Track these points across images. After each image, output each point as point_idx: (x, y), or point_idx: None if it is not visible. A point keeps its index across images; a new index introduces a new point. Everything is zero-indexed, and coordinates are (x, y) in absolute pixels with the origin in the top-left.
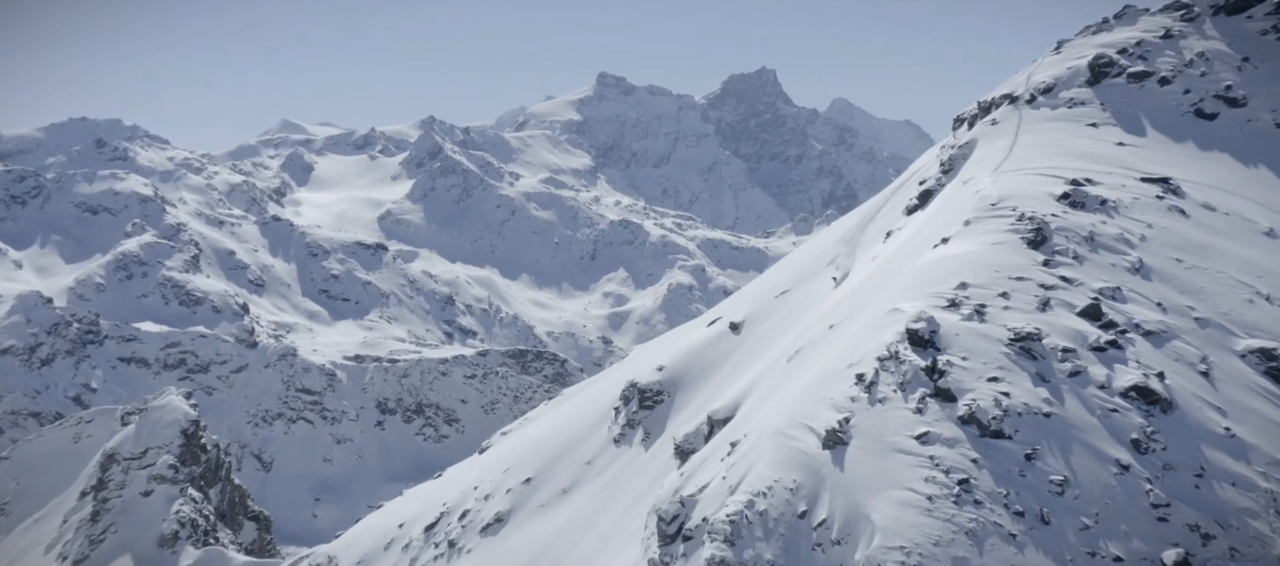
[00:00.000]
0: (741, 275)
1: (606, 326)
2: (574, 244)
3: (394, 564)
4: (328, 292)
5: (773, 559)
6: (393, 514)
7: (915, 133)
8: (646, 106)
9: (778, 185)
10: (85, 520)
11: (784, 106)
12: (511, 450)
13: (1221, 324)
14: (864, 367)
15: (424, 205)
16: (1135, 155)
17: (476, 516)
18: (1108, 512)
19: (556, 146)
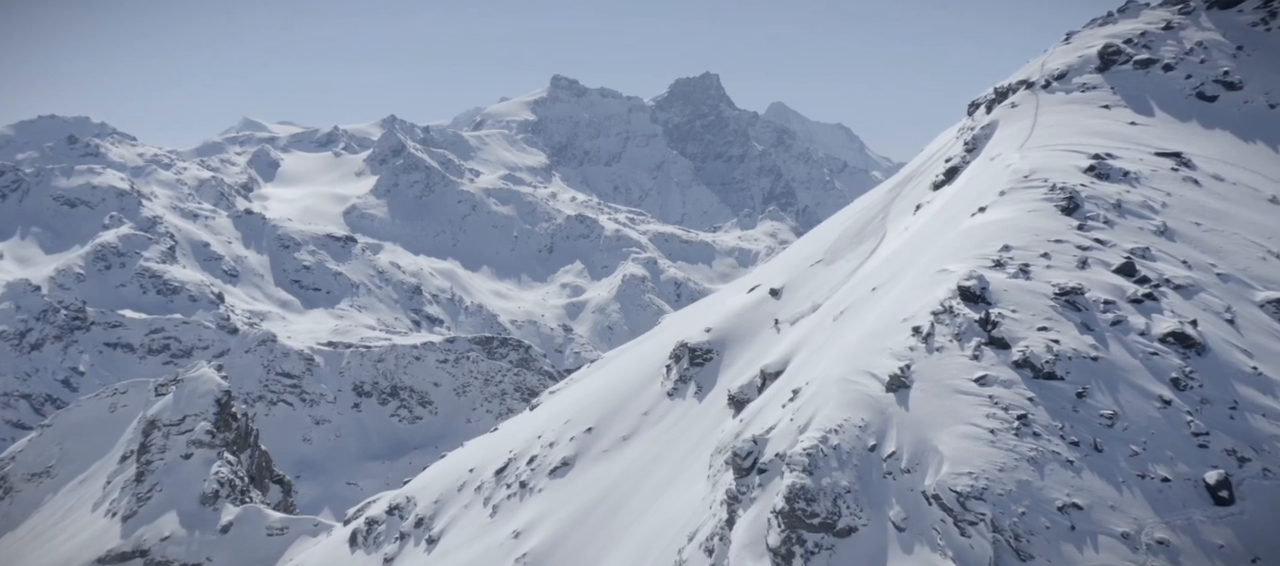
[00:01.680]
0: (691, 267)
1: (564, 315)
2: (532, 238)
3: (468, 503)
4: (299, 283)
5: (847, 485)
6: (460, 460)
7: (846, 135)
8: (598, 108)
9: (722, 183)
10: (130, 480)
11: (727, 109)
12: (568, 404)
13: (1241, 278)
14: (920, 321)
15: (388, 200)
16: (1147, 133)
17: (544, 461)
18: (1154, 441)
19: (513, 145)
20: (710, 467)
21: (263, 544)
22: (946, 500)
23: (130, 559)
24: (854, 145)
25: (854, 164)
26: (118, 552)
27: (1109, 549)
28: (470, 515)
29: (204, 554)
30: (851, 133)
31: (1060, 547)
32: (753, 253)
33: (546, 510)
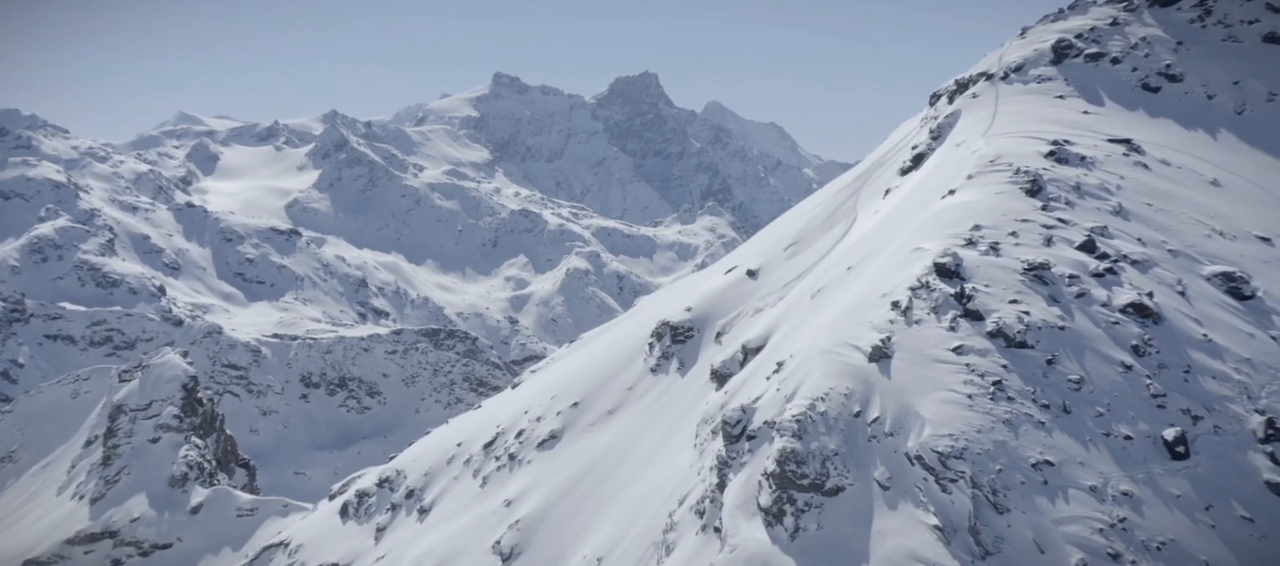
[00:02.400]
0: (633, 261)
1: (509, 308)
2: (476, 232)
3: (457, 476)
4: (243, 275)
5: (835, 448)
6: (448, 435)
7: (779, 134)
8: (540, 105)
9: (661, 179)
10: (97, 464)
11: (665, 107)
12: (553, 381)
13: (1190, 254)
14: (898, 296)
15: (331, 194)
16: (1099, 121)
17: (532, 434)
18: (1117, 402)
19: (455, 141)
20: (697, 437)
21: (233, 524)
22: (928, 460)
23: (99, 539)
24: (786, 143)
25: (787, 162)
26: (87, 533)
27: (1078, 501)
28: (460, 486)
29: (174, 534)
30: (784, 131)
31: (1034, 500)
32: (693, 247)
33: (536, 480)
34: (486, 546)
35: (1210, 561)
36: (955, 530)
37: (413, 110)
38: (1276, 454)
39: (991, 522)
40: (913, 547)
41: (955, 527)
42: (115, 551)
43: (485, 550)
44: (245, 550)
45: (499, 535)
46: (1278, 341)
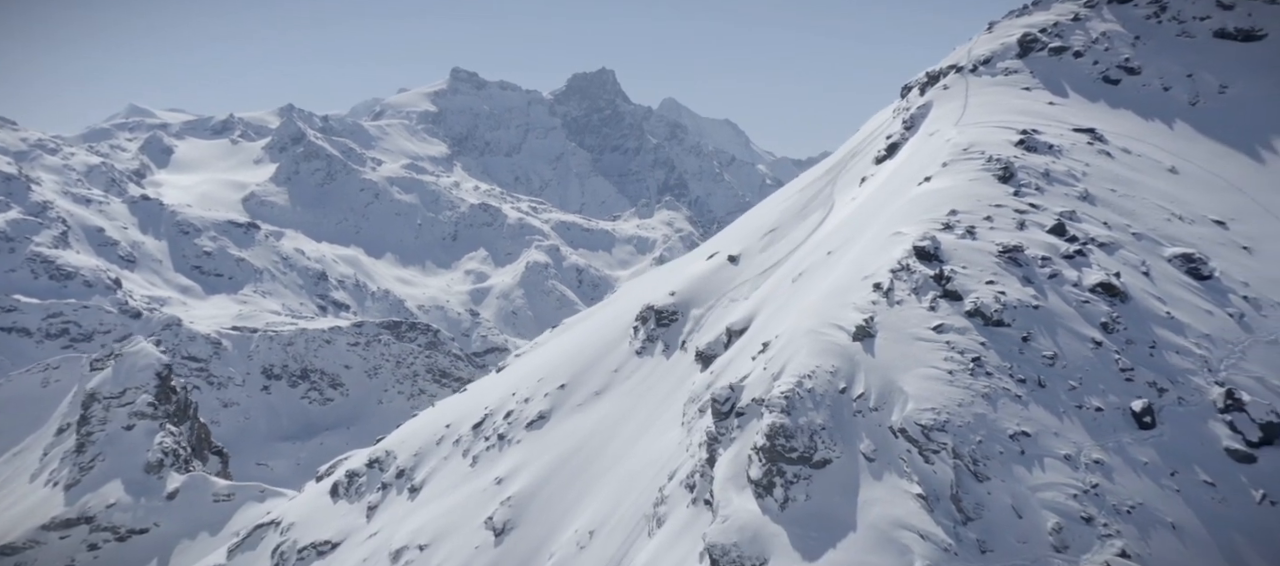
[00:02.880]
0: (592, 254)
1: (469, 301)
2: (436, 225)
3: (447, 455)
4: (200, 268)
5: (822, 423)
6: (436, 417)
7: (733, 130)
8: (498, 100)
9: (619, 174)
10: (70, 451)
11: (623, 103)
12: (539, 364)
13: (1152, 237)
14: (880, 278)
15: (289, 188)
16: (1064, 111)
17: (520, 415)
18: (1088, 376)
19: (414, 135)
20: (684, 416)
21: (210, 510)
22: (912, 433)
23: (75, 525)
24: (740, 140)
25: (741, 157)
26: (62, 519)
27: (1054, 469)
28: (450, 466)
29: (151, 519)
30: (738, 128)
31: (1012, 469)
32: (651, 240)
33: (526, 459)
34: (479, 522)
35: (1176, 523)
36: (938, 498)
37: (370, 104)
38: (1235, 423)
39: (972, 490)
40: (898, 515)
41: (938, 496)
42: (91, 536)
43: (478, 526)
44: (224, 534)
45: (491, 511)
46: (1235, 318)
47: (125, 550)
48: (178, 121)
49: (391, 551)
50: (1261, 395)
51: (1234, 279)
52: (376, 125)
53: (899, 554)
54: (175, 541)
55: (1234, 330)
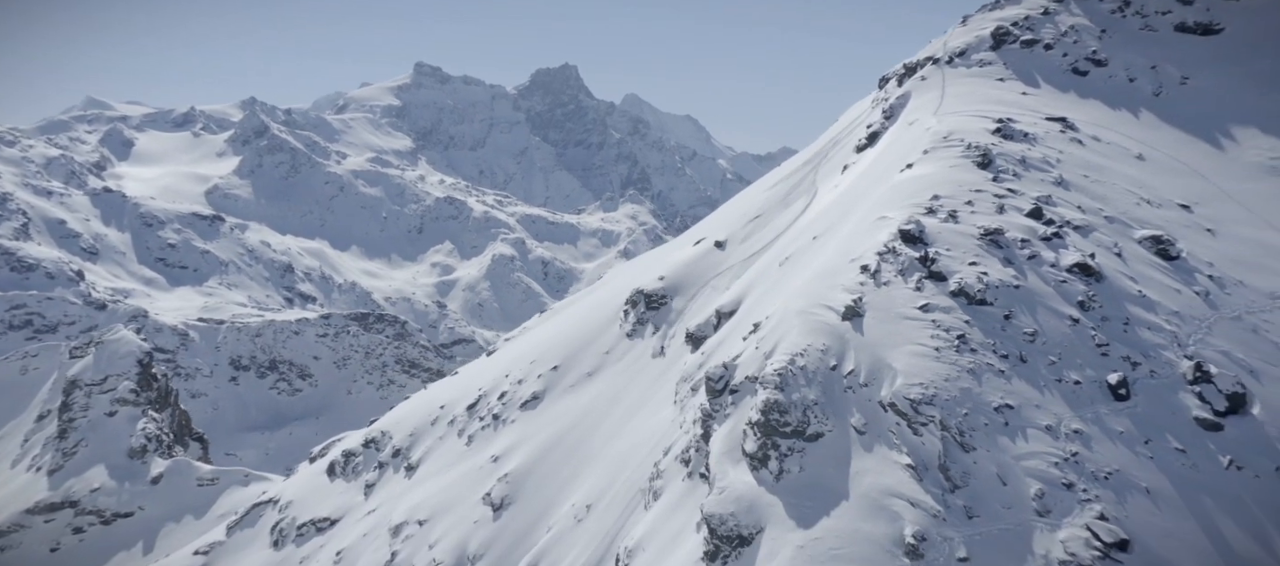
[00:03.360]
0: (558, 247)
1: (436, 293)
2: (402, 218)
3: (442, 435)
4: (164, 261)
5: (814, 398)
6: (429, 399)
7: (694, 126)
8: (462, 94)
9: (582, 168)
10: (52, 437)
11: (586, 98)
12: (530, 347)
13: (1123, 220)
14: (867, 260)
15: (252, 181)
16: (1036, 101)
17: (514, 396)
18: (1067, 352)
19: (378, 129)
20: (676, 394)
21: (194, 494)
22: (901, 407)
23: (60, 509)
24: (701, 135)
25: (702, 152)
26: (46, 503)
27: (1036, 439)
28: (446, 445)
29: (136, 504)
30: (699, 124)
31: (996, 439)
32: (616, 233)
33: (521, 437)
34: (477, 498)
35: (1150, 488)
36: (926, 468)
37: (332, 98)
38: (1204, 394)
39: (959, 460)
40: (888, 484)
41: (926, 466)
42: (76, 520)
43: (476, 501)
44: (209, 517)
45: (489, 488)
46: (1201, 296)
47: (110, 533)
48: (137, 114)
49: (391, 527)
50: (1227, 367)
51: (1200, 259)
52: (340, 119)
53: (890, 520)
54: (160, 525)
55: (1201, 307)
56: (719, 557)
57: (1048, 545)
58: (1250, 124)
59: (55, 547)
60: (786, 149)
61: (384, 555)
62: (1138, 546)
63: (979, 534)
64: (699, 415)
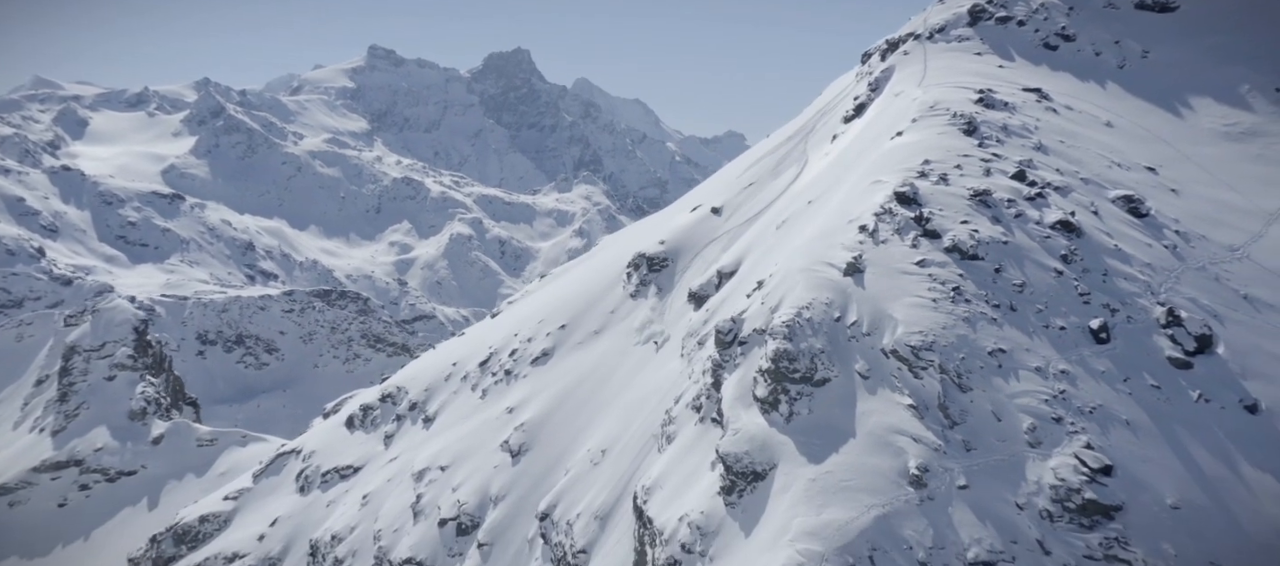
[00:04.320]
0: (514, 226)
1: (394, 271)
2: (359, 198)
3: (456, 390)
4: (125, 238)
5: (821, 347)
6: (441, 357)
7: (643, 109)
8: (416, 77)
9: (536, 150)
10: (52, 401)
11: (538, 82)
12: (536, 309)
13: (1097, 181)
14: (865, 221)
15: (209, 160)
16: (1012, 74)
17: (524, 352)
18: (1052, 300)
19: (333, 110)
20: (682, 349)
21: (194, 454)
22: (903, 353)
23: (66, 467)
24: (650, 118)
25: (652, 135)
26: (52, 462)
27: (1027, 379)
28: (460, 399)
29: (138, 462)
30: (648, 107)
31: (991, 380)
32: (570, 213)
33: (534, 391)
34: (495, 445)
35: (1130, 420)
36: (927, 407)
37: (285, 80)
38: (1175, 336)
39: (957, 399)
40: (892, 423)
41: (927, 405)
42: (82, 478)
43: (494, 448)
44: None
45: (506, 436)
46: (1169, 249)
47: (116, 490)
48: (90, 94)
49: (414, 472)
50: (1195, 312)
51: (1166, 216)
52: (295, 100)
53: (895, 454)
54: (163, 482)
55: (1169, 259)
56: (735, 491)
57: (1040, 472)
58: (1206, 94)
59: (62, 503)
60: (733, 132)
61: (409, 498)
62: (1120, 471)
63: (977, 464)
64: (708, 366)
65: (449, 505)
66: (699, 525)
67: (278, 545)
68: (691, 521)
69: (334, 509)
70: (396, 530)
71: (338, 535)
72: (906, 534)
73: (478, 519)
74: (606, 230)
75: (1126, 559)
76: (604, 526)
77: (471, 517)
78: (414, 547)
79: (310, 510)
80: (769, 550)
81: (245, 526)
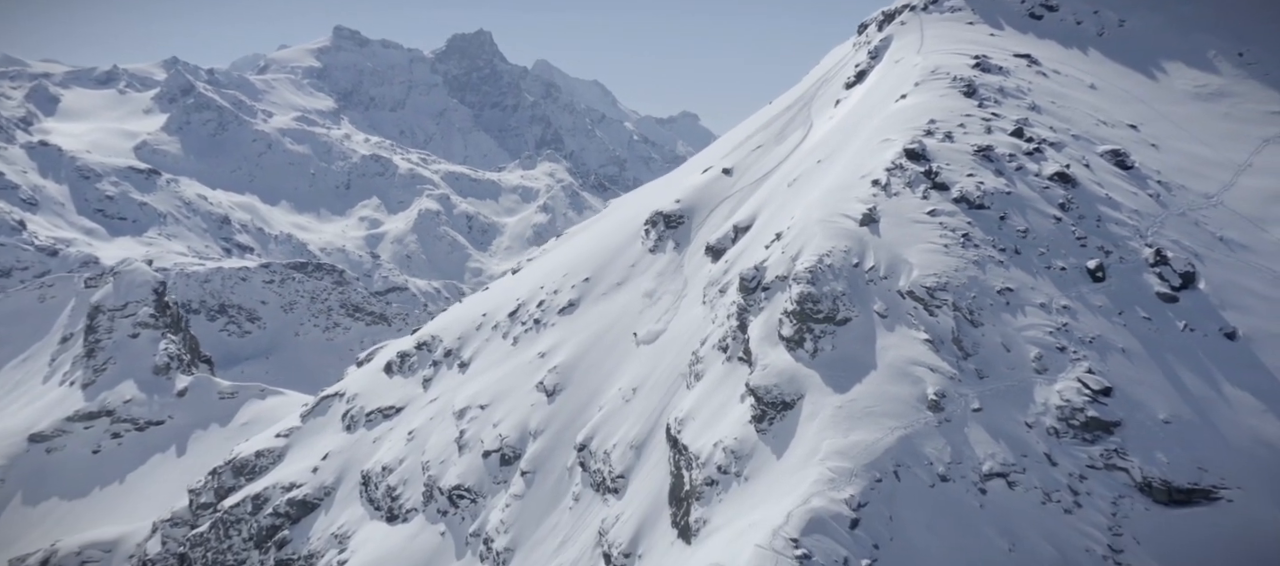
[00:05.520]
0: (480, 202)
1: (365, 245)
2: (329, 175)
3: (488, 338)
4: (103, 212)
5: (842, 290)
6: (470, 308)
7: (602, 90)
8: (381, 58)
9: (499, 130)
10: (80, 357)
11: (500, 63)
12: (558, 264)
13: (1087, 138)
14: (877, 175)
15: (181, 137)
16: (1002, 42)
17: (552, 303)
18: (1053, 244)
19: (300, 89)
20: (704, 297)
21: (216, 405)
22: (919, 293)
23: (98, 417)
24: (608, 99)
25: (610, 115)
26: (85, 412)
27: (1032, 314)
28: (492, 346)
29: (165, 413)
30: (605, 88)
31: (1000, 316)
32: (535, 190)
33: (563, 337)
34: (531, 386)
35: (1125, 348)
36: (942, 341)
37: (252, 60)
38: (1162, 273)
39: (969, 334)
40: (910, 355)
41: (942, 340)
42: (113, 426)
43: (530, 389)
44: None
45: (540, 377)
46: (1154, 198)
47: (145, 438)
48: (59, 71)
49: (455, 411)
50: (1178, 253)
51: (1149, 168)
52: (262, 79)
53: (914, 383)
54: (189, 431)
55: (1154, 207)
56: (765, 419)
57: (1046, 395)
58: (1177, 59)
59: (96, 450)
60: (687, 113)
61: (452, 433)
62: (1117, 392)
63: (989, 390)
64: (733, 310)
65: (491, 438)
66: (733, 449)
67: (331, 475)
68: (726, 446)
69: (380, 444)
70: (443, 461)
71: (388, 466)
72: (927, 451)
73: (519, 450)
74: (571, 206)
75: (1124, 467)
76: (639, 455)
77: (513, 449)
78: (462, 475)
79: (358, 446)
80: (800, 468)
81: (298, 460)
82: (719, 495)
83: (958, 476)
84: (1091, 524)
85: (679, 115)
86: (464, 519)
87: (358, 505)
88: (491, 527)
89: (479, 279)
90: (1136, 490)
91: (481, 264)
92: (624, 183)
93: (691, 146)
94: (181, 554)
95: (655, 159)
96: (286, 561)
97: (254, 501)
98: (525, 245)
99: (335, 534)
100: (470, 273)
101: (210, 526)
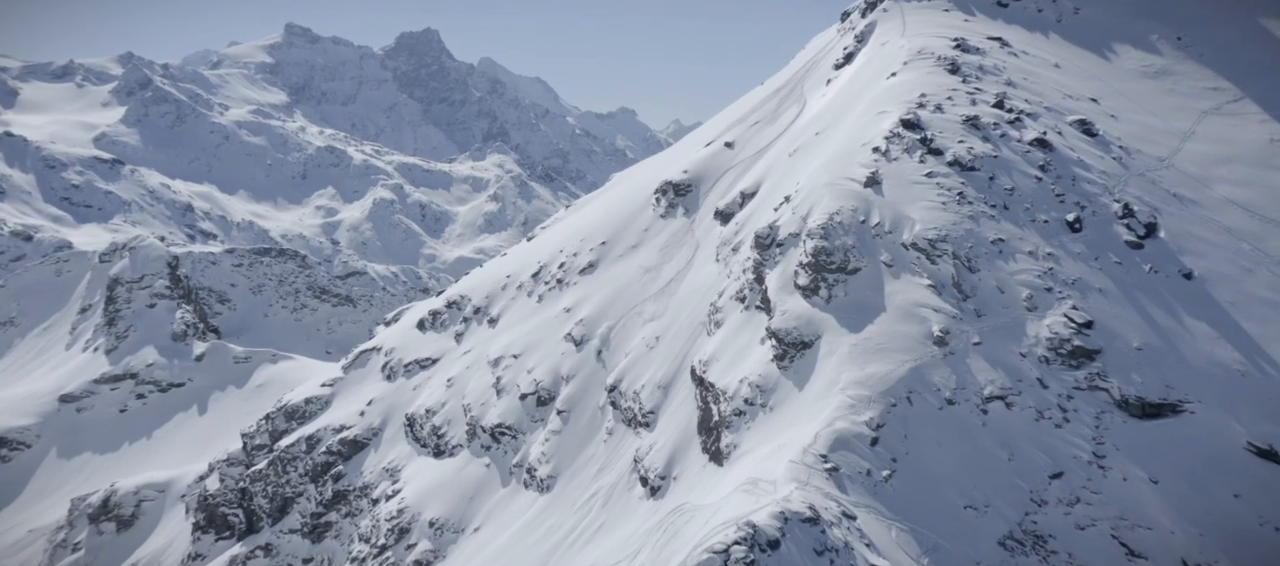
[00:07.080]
0: (433, 192)
1: (322, 232)
2: (285, 165)
3: (513, 297)
4: (69, 200)
5: (851, 243)
6: (491, 273)
7: (544, 87)
8: (331, 54)
9: (448, 124)
10: (101, 325)
11: (447, 60)
12: (573, 230)
13: (1057, 109)
14: (877, 143)
15: (140, 129)
16: (975, 26)
17: (572, 265)
18: (1036, 200)
19: (253, 84)
20: (718, 256)
21: (232, 369)
22: (921, 245)
23: (123, 380)
24: (551, 95)
25: (553, 110)
26: (110, 375)
27: (1022, 261)
28: (518, 304)
29: (185, 376)
30: (548, 85)
31: (994, 263)
32: (485, 180)
33: (586, 294)
34: (559, 337)
35: (1102, 288)
36: (943, 286)
37: (203, 55)
38: (1130, 225)
39: (968, 279)
40: (915, 299)
41: (943, 284)
42: (138, 388)
43: (559, 339)
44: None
45: (568, 329)
46: (1117, 161)
47: (168, 398)
48: (15, 65)
49: (490, 360)
50: (1142, 207)
51: (1111, 136)
52: (216, 74)
53: (919, 322)
54: (208, 393)
55: (1118, 168)
56: (786, 358)
57: (1037, 329)
58: (1125, 42)
59: (123, 409)
60: (625, 109)
61: (489, 380)
62: (1097, 324)
63: (987, 326)
64: (749, 265)
65: (527, 383)
66: (758, 384)
67: (377, 419)
68: (751, 381)
69: (421, 391)
70: (483, 403)
71: (431, 409)
72: (934, 380)
73: (553, 392)
74: (519, 195)
75: (1105, 387)
76: (666, 394)
77: (548, 391)
78: (502, 415)
79: (399, 393)
80: (822, 397)
81: (344, 406)
82: (747, 423)
83: (962, 400)
84: (1078, 435)
85: (618, 111)
86: (506, 452)
87: (404, 444)
88: (533, 458)
89: (433, 265)
90: (1115, 406)
91: (435, 250)
92: (568, 173)
93: (630, 140)
94: (242, 488)
95: (597, 152)
96: (342, 493)
97: (308, 441)
98: (477, 233)
99: (386, 468)
100: (424, 259)
101: (268, 463)
